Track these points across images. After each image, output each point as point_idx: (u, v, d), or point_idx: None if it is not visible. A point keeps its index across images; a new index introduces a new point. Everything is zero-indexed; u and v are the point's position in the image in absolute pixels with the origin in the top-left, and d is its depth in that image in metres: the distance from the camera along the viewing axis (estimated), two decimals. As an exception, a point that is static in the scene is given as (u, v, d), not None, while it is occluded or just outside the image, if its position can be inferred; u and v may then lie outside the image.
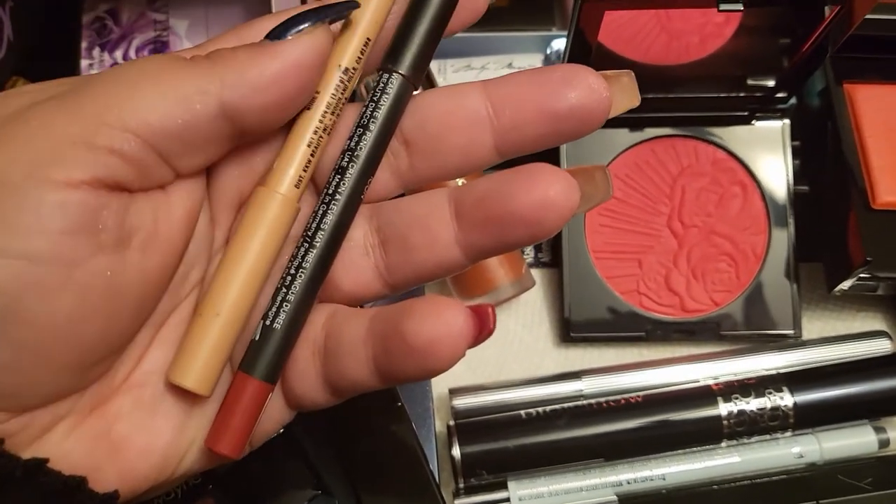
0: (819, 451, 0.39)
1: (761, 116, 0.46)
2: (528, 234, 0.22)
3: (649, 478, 0.39)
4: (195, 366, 0.22)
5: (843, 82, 0.44)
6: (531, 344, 0.45)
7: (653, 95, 0.45)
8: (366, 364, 0.23)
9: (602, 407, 0.40)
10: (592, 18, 0.37)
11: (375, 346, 0.22)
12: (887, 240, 0.41)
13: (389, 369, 0.22)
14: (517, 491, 0.38)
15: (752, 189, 0.45)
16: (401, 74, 0.23)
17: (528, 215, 0.22)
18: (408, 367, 0.22)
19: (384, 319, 0.22)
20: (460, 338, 0.21)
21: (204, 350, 0.22)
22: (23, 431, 0.20)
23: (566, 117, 0.23)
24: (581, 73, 0.23)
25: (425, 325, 0.21)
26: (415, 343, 0.21)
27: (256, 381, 0.22)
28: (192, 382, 0.22)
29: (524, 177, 0.22)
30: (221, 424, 0.22)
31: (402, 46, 0.23)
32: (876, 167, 0.42)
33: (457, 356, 0.22)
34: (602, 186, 0.23)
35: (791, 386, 0.39)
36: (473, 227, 0.23)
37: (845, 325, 0.46)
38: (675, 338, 0.44)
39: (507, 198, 0.22)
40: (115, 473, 0.22)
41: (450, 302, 0.22)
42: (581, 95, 0.22)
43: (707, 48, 0.44)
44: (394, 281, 0.24)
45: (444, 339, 0.21)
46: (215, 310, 0.22)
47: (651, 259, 0.45)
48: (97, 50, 0.46)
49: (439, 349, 0.21)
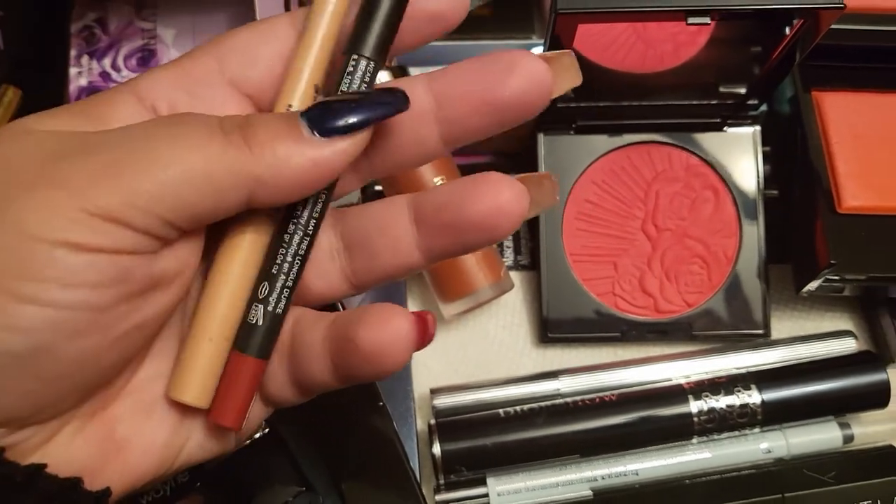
0: (786, 447, 0.41)
1: (733, 123, 0.47)
2: (483, 238, 0.24)
3: (623, 473, 0.40)
4: (193, 383, 0.24)
5: (812, 90, 0.46)
6: (510, 344, 0.47)
7: (628, 103, 0.46)
8: (325, 366, 0.24)
9: (578, 405, 0.41)
10: (567, 29, 0.38)
11: (332, 349, 0.24)
12: (852, 243, 0.42)
13: (345, 371, 0.24)
14: (496, 487, 0.39)
15: (724, 194, 0.47)
16: (366, 57, 0.23)
17: (482, 221, 0.23)
18: (361, 370, 0.23)
19: (339, 325, 0.24)
20: (406, 343, 0.23)
21: (199, 369, 0.24)
22: (31, 438, 0.21)
23: (508, 106, 0.23)
24: (522, 60, 0.23)
25: (374, 332, 0.23)
26: (365, 349, 0.23)
27: (252, 358, 0.24)
28: (192, 398, 0.24)
29: (477, 185, 0.23)
30: (223, 400, 0.24)
31: (363, 32, 0.23)
32: (842, 172, 0.43)
33: (404, 360, 0.23)
34: (549, 192, 0.25)
35: (759, 384, 0.41)
36: (432, 232, 0.24)
37: (813, 325, 0.47)
38: (649, 338, 0.46)
39: (462, 206, 0.23)
40: (118, 471, 0.23)
41: (396, 310, 0.23)
42: (522, 83, 0.23)
43: (681, 56, 0.45)
44: (359, 282, 0.26)
45: (391, 345, 0.23)
46: (207, 335, 0.24)
47: (626, 262, 0.46)
48: (86, 58, 0.47)
49: (387, 354, 0.23)
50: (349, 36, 0.24)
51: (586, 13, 0.36)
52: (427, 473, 0.41)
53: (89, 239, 0.20)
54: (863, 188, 0.43)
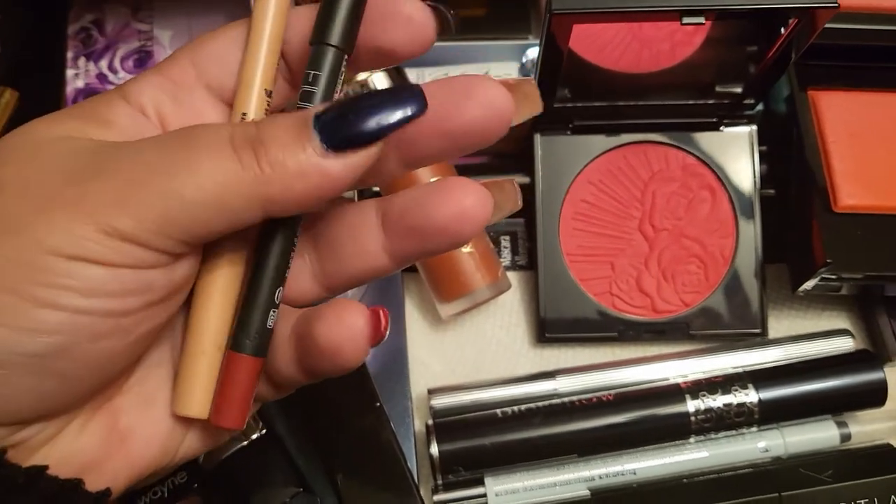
0: (783, 446, 0.41)
1: (729, 123, 0.47)
2: (447, 242, 0.24)
3: (620, 472, 0.40)
4: (195, 397, 0.24)
5: (807, 89, 0.46)
6: (508, 345, 0.47)
7: (624, 103, 0.46)
8: (292, 361, 0.25)
9: (575, 405, 0.41)
10: (562, 29, 0.38)
11: (297, 345, 0.24)
12: (848, 242, 0.42)
13: (308, 366, 0.24)
14: (493, 487, 0.40)
15: (721, 193, 0.47)
16: (333, 46, 0.23)
17: (446, 225, 0.23)
18: (322, 365, 0.24)
19: (302, 322, 0.24)
20: (361, 340, 0.23)
21: (199, 383, 0.24)
22: (40, 433, 0.22)
23: (466, 132, 0.23)
24: (480, 88, 0.22)
25: (331, 329, 0.23)
26: (323, 345, 0.23)
27: (249, 357, 0.24)
28: (196, 412, 0.24)
29: (441, 190, 0.23)
30: (223, 402, 0.24)
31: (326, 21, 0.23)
32: (838, 171, 0.44)
33: (360, 356, 0.23)
34: (511, 197, 0.25)
35: (756, 383, 0.41)
36: (398, 236, 0.24)
37: (810, 324, 0.47)
38: (646, 338, 0.46)
39: (427, 210, 0.23)
40: (123, 462, 0.23)
41: (352, 306, 0.23)
42: (479, 113, 0.22)
43: (677, 56, 0.45)
44: (330, 285, 0.26)
45: (347, 342, 0.23)
46: (201, 348, 0.24)
47: (623, 262, 0.46)
48: (83, 59, 0.47)
49: (344, 350, 0.23)
50: (314, 26, 0.24)
51: (581, 13, 0.36)
52: (425, 474, 0.41)
53: (106, 257, 0.20)
54: (859, 187, 0.43)
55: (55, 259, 0.20)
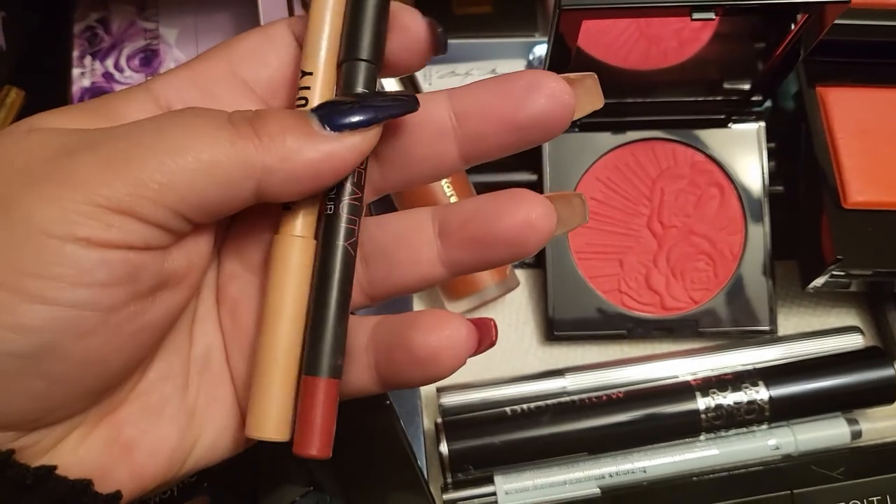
0: (794, 443, 0.41)
1: (737, 119, 0.47)
2: (510, 254, 0.24)
3: (631, 471, 0.40)
4: (271, 418, 0.23)
5: (816, 85, 0.46)
6: (516, 343, 0.47)
7: (632, 100, 0.46)
8: (367, 370, 0.24)
9: (585, 403, 0.41)
10: (571, 26, 0.38)
11: (378, 354, 0.24)
12: (858, 238, 0.42)
13: (391, 376, 0.24)
14: (503, 485, 0.39)
15: (729, 190, 0.47)
16: (363, 60, 0.23)
17: (511, 237, 0.23)
18: (410, 375, 0.23)
19: (388, 330, 0.24)
20: (462, 349, 0.23)
21: (274, 404, 0.23)
22: (40, 442, 0.21)
23: (529, 126, 0.23)
24: (544, 81, 0.23)
25: (430, 336, 0.23)
26: (420, 353, 0.23)
27: (327, 380, 0.23)
28: (272, 433, 0.23)
29: (508, 201, 0.23)
30: (306, 430, 0.23)
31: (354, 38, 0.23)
32: (847, 168, 0.43)
33: (457, 365, 0.23)
34: (579, 211, 0.25)
35: (766, 380, 0.41)
36: (458, 246, 0.24)
37: (820, 321, 0.47)
38: (655, 335, 0.46)
39: (491, 220, 0.23)
40: (126, 474, 0.23)
41: (452, 315, 0.23)
42: (544, 103, 0.23)
43: (685, 53, 0.45)
44: (374, 293, 0.25)
45: (447, 349, 0.23)
46: (275, 368, 0.23)
47: (632, 259, 0.46)
48: (88, 58, 0.47)
49: (442, 359, 0.23)
50: (340, 48, 0.24)
51: (591, 9, 0.36)
52: (434, 472, 0.41)
53: (99, 233, 0.19)
54: (868, 183, 0.43)
55: (45, 240, 0.19)
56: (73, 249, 0.19)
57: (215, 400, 0.25)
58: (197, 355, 0.25)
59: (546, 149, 0.46)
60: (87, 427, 0.22)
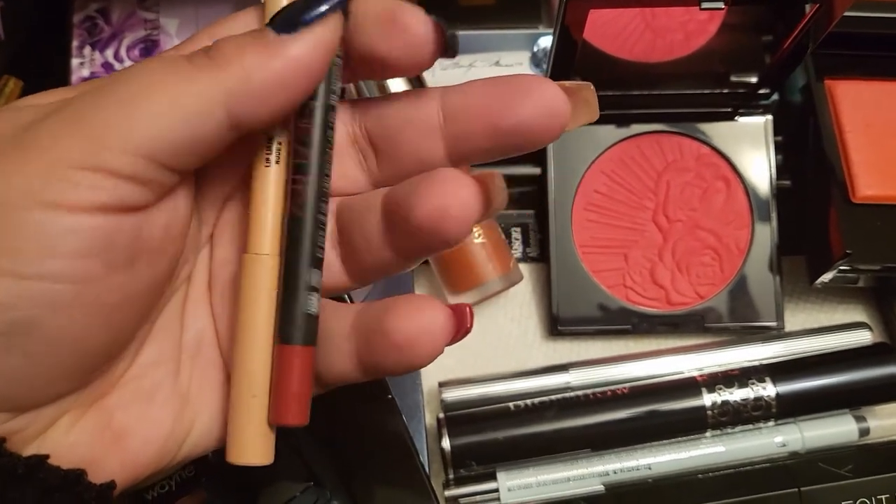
0: (801, 440, 0.40)
1: (744, 112, 0.46)
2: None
3: (635, 467, 0.39)
4: (252, 444, 0.23)
5: (824, 78, 0.45)
6: (519, 337, 0.46)
7: (638, 92, 0.45)
8: (349, 358, 0.23)
9: (589, 399, 0.40)
10: (577, 17, 0.37)
11: (359, 340, 0.23)
12: (866, 233, 0.42)
13: (371, 363, 0.23)
14: (506, 481, 0.39)
15: (736, 184, 0.46)
16: None
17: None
18: (389, 362, 0.23)
19: (367, 316, 0.23)
20: (440, 335, 0.22)
21: (252, 428, 0.23)
22: (27, 428, 0.21)
23: (518, 131, 0.22)
24: (537, 87, 0.22)
25: (406, 322, 0.22)
26: (396, 339, 0.22)
27: (300, 347, 0.23)
28: (255, 458, 0.23)
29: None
30: (283, 399, 0.23)
31: None
32: (856, 162, 0.43)
33: (435, 353, 0.22)
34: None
35: (774, 377, 0.40)
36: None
37: (827, 317, 0.46)
38: (660, 330, 0.45)
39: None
40: (118, 462, 0.22)
41: (430, 301, 0.23)
42: (536, 109, 0.22)
43: (691, 45, 0.45)
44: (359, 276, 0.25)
45: (423, 336, 0.22)
46: (251, 392, 0.23)
47: (637, 253, 0.45)
48: (88, 49, 0.46)
49: (419, 346, 0.22)
50: None
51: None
52: (436, 468, 0.41)
53: (66, 194, 0.19)
54: (877, 177, 0.43)
55: (10, 212, 0.18)
56: (39, 217, 0.19)
57: (208, 385, 0.25)
58: (188, 340, 0.25)
59: (550, 142, 0.46)
60: (76, 412, 0.22)
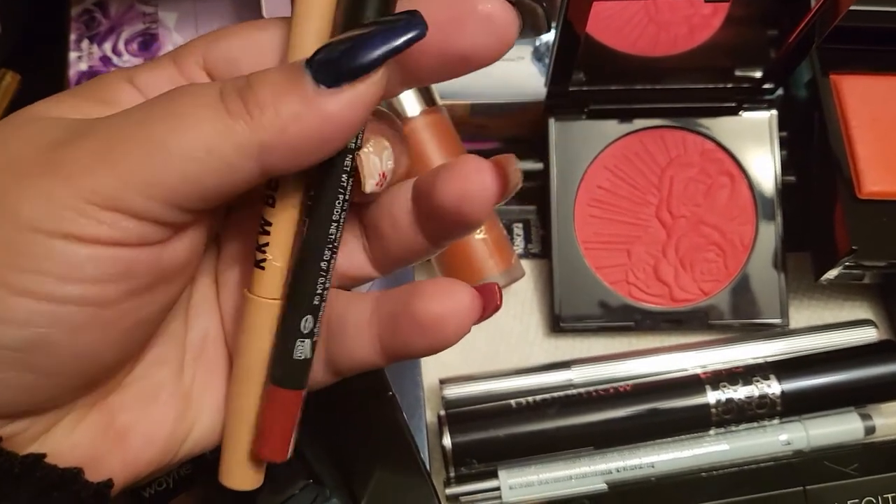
0: (806, 438, 0.40)
1: (749, 107, 0.46)
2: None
3: (638, 466, 0.39)
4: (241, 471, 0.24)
5: (830, 73, 0.45)
6: (521, 334, 0.46)
7: (641, 87, 0.45)
8: (370, 344, 0.24)
9: (591, 396, 0.40)
10: (581, 10, 0.37)
11: (381, 325, 0.23)
12: (872, 229, 0.41)
13: (396, 346, 0.23)
14: (508, 479, 0.39)
15: (740, 179, 0.46)
16: None
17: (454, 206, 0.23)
18: (415, 344, 0.23)
19: (391, 300, 0.23)
20: (466, 315, 0.22)
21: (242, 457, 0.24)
22: (29, 429, 0.21)
23: (463, 55, 0.21)
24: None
25: (434, 304, 0.22)
26: (425, 320, 0.22)
27: (295, 391, 0.23)
28: (243, 484, 0.25)
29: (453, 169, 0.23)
30: (266, 435, 0.24)
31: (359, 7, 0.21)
32: (862, 157, 0.42)
33: (463, 332, 0.23)
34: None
35: (778, 374, 0.40)
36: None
37: (832, 314, 0.46)
38: (663, 327, 0.45)
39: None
40: (120, 462, 0.22)
41: (455, 282, 0.23)
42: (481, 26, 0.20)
43: (695, 39, 0.44)
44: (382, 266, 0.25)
45: (452, 315, 0.22)
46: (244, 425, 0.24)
47: (640, 249, 0.45)
48: (86, 42, 0.46)
49: (448, 325, 0.22)
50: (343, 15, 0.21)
51: (601, -10, 0.35)
52: (437, 466, 0.40)
53: (88, 230, 0.19)
54: (883, 173, 0.42)
55: (32, 236, 0.18)
56: (61, 245, 0.19)
57: (211, 383, 0.25)
58: (193, 339, 0.25)
59: (552, 136, 0.45)
60: (79, 413, 0.22)
